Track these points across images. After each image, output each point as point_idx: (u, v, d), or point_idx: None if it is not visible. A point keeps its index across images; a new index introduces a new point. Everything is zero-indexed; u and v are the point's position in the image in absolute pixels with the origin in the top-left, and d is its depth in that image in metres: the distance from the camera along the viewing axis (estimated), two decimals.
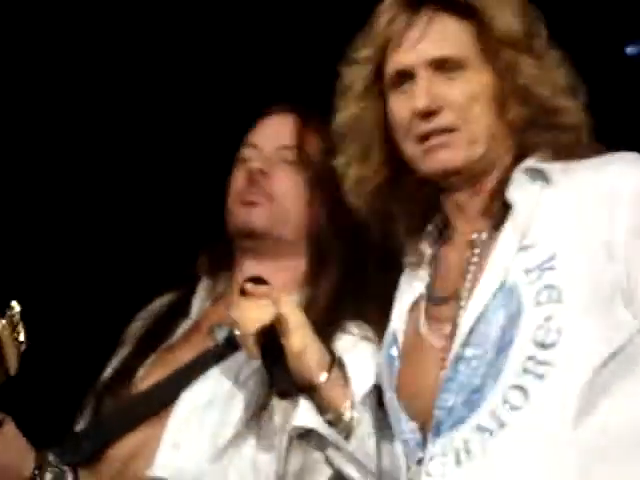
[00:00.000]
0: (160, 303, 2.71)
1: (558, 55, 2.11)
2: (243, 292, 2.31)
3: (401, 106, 2.11)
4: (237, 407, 2.35)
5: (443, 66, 2.08)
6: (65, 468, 2.41)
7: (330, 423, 2.22)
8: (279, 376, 2.21)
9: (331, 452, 2.23)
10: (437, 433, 1.99)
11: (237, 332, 2.26)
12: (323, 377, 2.23)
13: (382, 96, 2.15)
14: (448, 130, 2.07)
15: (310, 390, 2.23)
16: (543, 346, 1.92)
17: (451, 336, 2.03)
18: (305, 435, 2.25)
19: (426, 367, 2.07)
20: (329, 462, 2.24)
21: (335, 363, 2.26)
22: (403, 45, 2.10)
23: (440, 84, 2.07)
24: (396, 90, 2.12)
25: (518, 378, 1.93)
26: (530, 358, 1.92)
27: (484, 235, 2.09)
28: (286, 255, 2.55)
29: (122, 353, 2.61)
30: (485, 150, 2.08)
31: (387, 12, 2.13)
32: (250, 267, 2.51)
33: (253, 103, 2.85)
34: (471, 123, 2.07)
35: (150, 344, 2.57)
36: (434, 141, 2.07)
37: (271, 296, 2.27)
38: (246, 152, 2.60)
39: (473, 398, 1.96)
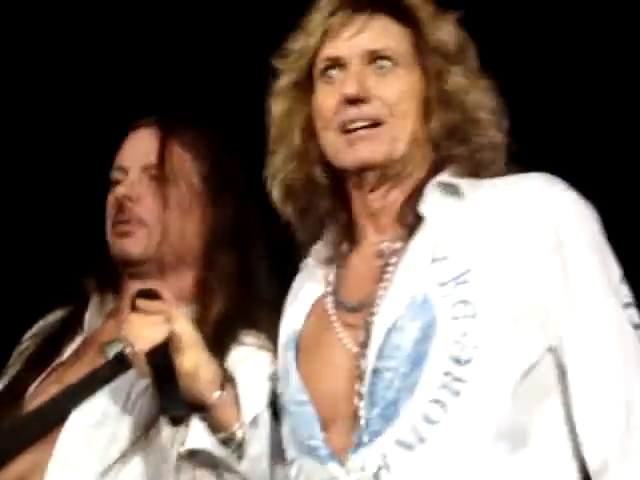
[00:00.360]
0: (51, 319, 2.68)
1: (487, 81, 2.14)
2: (134, 307, 2.28)
3: (328, 94, 2.12)
4: (127, 426, 2.32)
5: (376, 60, 2.10)
6: None
7: (223, 442, 2.20)
8: (169, 400, 2.17)
9: (222, 472, 2.21)
10: (356, 446, 1.98)
11: (128, 350, 2.23)
12: (215, 396, 2.20)
13: (312, 91, 2.16)
14: (373, 123, 2.08)
15: (202, 409, 2.21)
16: (459, 362, 1.93)
17: (363, 346, 2.03)
18: (195, 454, 2.23)
19: (336, 372, 2.06)
20: None
21: (227, 381, 2.24)
22: (340, 36, 2.12)
23: (372, 76, 2.09)
24: (325, 79, 2.14)
25: (437, 392, 1.93)
26: (447, 374, 1.93)
27: (395, 245, 2.09)
28: (171, 273, 2.53)
29: (11, 372, 2.57)
30: (406, 152, 2.09)
31: (327, 6, 2.15)
32: (137, 286, 2.45)
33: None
34: (397, 119, 2.08)
35: (40, 362, 2.53)
36: (358, 133, 2.08)
37: (164, 312, 2.24)
38: (115, 175, 2.57)
39: (388, 412, 1.96)
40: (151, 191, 2.52)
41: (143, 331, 2.21)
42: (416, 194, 2.09)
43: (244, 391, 2.26)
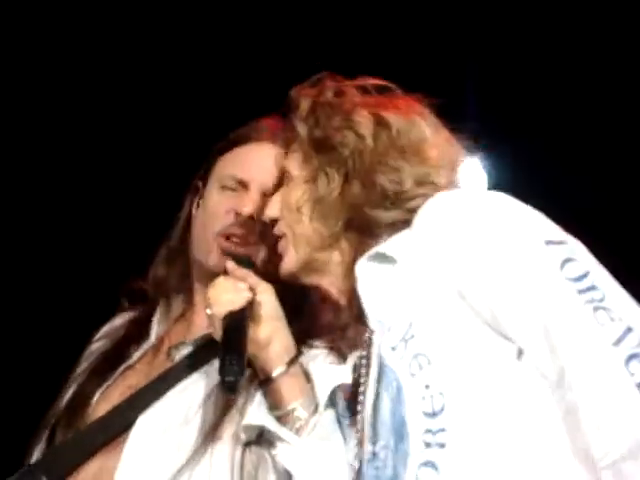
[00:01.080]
0: (119, 323, 2.66)
1: None
2: (226, 272, 2.31)
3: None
4: (192, 431, 2.31)
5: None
6: None
7: (280, 420, 2.19)
8: (231, 366, 2.11)
9: (280, 449, 2.19)
10: None
11: (208, 311, 2.23)
12: (280, 370, 2.21)
13: None
14: None
15: (264, 382, 2.22)
16: (433, 414, 1.89)
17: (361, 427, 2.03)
18: (258, 441, 2.24)
19: None
20: (277, 461, 2.20)
21: (297, 360, 2.24)
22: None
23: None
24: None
25: (423, 454, 1.89)
26: (427, 431, 1.89)
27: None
28: None
29: (79, 377, 2.55)
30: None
31: None
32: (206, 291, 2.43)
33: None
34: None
35: (107, 367, 2.52)
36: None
37: (250, 280, 2.26)
38: (230, 183, 2.52)
39: None
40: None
41: (226, 294, 2.22)
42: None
43: (316, 374, 2.24)
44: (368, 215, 2.13)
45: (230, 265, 2.31)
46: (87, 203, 3.53)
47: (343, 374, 2.22)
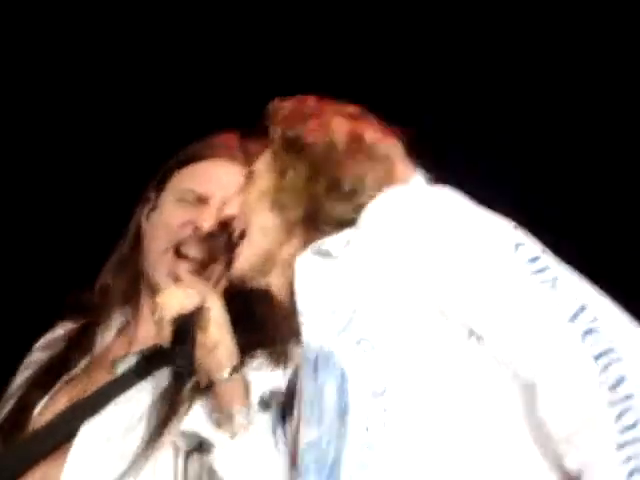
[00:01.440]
0: (59, 333, 2.66)
1: None
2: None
3: None
4: (135, 440, 2.32)
5: None
6: None
7: (220, 424, 2.22)
8: (182, 353, 2.19)
9: (214, 454, 2.22)
10: None
11: (156, 315, 2.27)
12: (225, 374, 2.25)
13: None
14: None
15: (207, 387, 2.26)
16: (375, 395, 1.92)
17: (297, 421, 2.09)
18: (200, 449, 2.26)
19: None
20: (213, 467, 2.23)
21: (240, 367, 2.28)
22: None
23: None
24: None
25: (364, 436, 1.92)
26: (369, 413, 1.92)
27: None
28: None
29: (20, 385, 2.56)
30: None
31: None
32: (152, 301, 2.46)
33: None
34: None
35: (49, 378, 2.52)
36: None
37: (198, 287, 2.32)
38: (188, 197, 2.53)
39: (334, 474, 1.95)
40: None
41: (175, 299, 2.26)
42: None
43: (253, 378, 2.27)
44: (325, 208, 2.17)
45: (182, 272, 2.38)
46: (34, 208, 3.51)
47: (279, 379, 2.28)
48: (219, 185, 2.52)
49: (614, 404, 1.78)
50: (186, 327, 2.22)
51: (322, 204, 2.18)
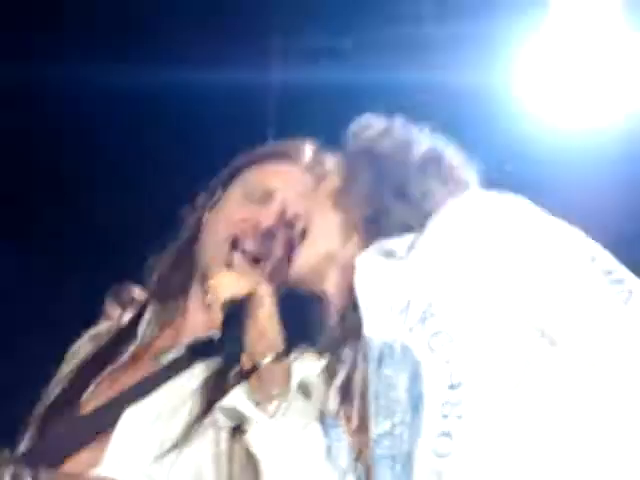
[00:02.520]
0: (104, 328, 2.71)
1: None
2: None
3: None
4: (179, 423, 2.36)
5: None
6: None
7: (258, 404, 2.26)
8: (231, 338, 2.27)
9: (250, 432, 2.26)
10: None
11: (209, 297, 2.34)
12: (267, 360, 2.28)
13: None
14: None
15: (249, 371, 2.29)
16: (452, 387, 1.97)
17: (361, 414, 2.14)
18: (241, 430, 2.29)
19: None
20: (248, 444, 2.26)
21: (284, 355, 2.31)
22: None
23: None
24: None
25: (440, 425, 1.97)
26: (445, 403, 1.97)
27: None
28: None
29: (68, 372, 2.61)
30: None
31: None
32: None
33: None
34: None
35: (97, 365, 2.57)
36: None
37: (253, 277, 2.38)
38: (255, 193, 2.57)
39: (409, 464, 2.00)
40: (285, 241, 2.50)
41: (228, 282, 2.33)
42: None
43: (296, 367, 2.32)
44: (390, 213, 2.23)
45: (235, 258, 2.44)
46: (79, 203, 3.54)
47: (319, 365, 2.33)
48: (286, 185, 2.56)
49: None
50: (236, 312, 2.27)
51: (387, 209, 2.23)
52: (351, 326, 2.22)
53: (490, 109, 4.38)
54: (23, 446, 2.50)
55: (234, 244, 2.53)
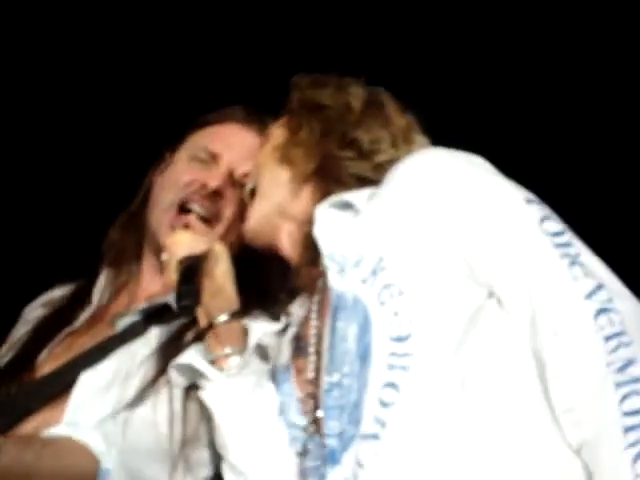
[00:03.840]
0: (58, 293, 2.71)
1: None
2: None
3: None
4: (133, 385, 2.37)
5: None
6: None
7: (214, 362, 2.25)
8: (187, 292, 2.23)
9: (205, 389, 2.25)
10: (334, 461, 2.04)
11: (164, 256, 2.33)
12: (222, 318, 2.27)
13: None
14: None
15: (204, 330, 2.29)
16: (399, 339, 1.97)
17: (317, 365, 2.14)
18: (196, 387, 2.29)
19: None
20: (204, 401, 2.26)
21: (239, 314, 2.31)
22: None
23: None
24: None
25: (386, 375, 1.96)
26: (392, 354, 1.97)
27: None
28: None
29: (20, 336, 2.60)
30: None
31: None
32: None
33: None
34: None
35: (52, 329, 2.56)
36: None
37: (208, 235, 2.41)
38: (199, 154, 2.58)
39: (356, 413, 2.00)
40: (235, 201, 2.52)
41: (184, 241, 2.33)
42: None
43: (252, 327, 2.30)
44: (339, 164, 2.24)
45: (192, 219, 2.45)
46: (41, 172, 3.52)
47: (275, 327, 2.32)
48: (231, 146, 2.58)
49: (621, 385, 1.82)
50: (193, 269, 2.26)
51: (337, 161, 2.24)
52: (306, 280, 2.22)
53: None
54: None
55: (181, 208, 2.53)
